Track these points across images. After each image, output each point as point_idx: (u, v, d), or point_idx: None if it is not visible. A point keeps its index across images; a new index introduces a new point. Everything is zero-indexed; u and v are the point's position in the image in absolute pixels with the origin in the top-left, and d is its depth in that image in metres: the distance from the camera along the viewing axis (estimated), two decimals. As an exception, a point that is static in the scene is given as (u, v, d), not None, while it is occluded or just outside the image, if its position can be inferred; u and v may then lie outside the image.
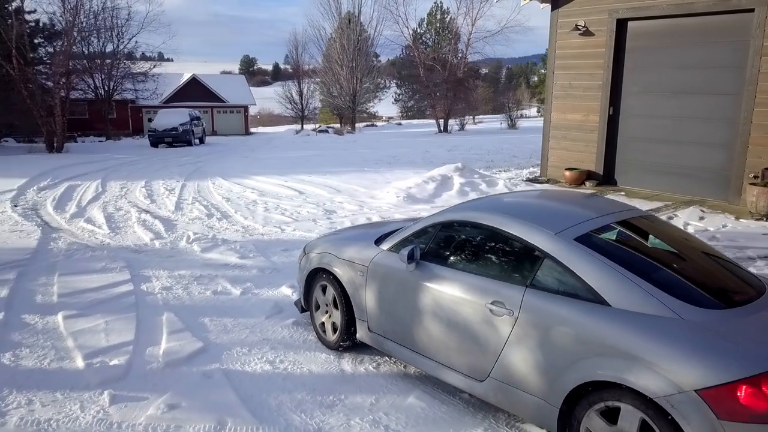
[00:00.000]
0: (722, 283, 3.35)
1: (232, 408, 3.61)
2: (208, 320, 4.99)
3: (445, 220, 3.93)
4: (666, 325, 2.77)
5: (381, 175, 13.74)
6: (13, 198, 10.46)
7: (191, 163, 17.88)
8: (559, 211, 3.76)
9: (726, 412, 2.44)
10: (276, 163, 17.40)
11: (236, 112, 55.55)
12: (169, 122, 28.83)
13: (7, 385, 3.84)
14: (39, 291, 5.61)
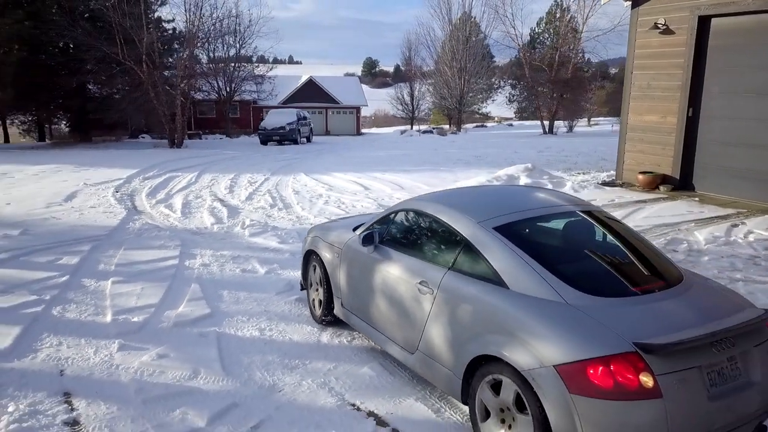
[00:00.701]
0: (631, 274, 3.43)
1: (209, 362, 4.21)
2: (226, 293, 5.68)
3: (400, 208, 4.28)
4: (546, 308, 2.97)
5: (453, 174, 13.98)
6: (118, 186, 12.00)
7: (286, 160, 19.13)
8: (496, 203, 3.97)
9: (576, 387, 2.63)
10: (362, 161, 18.17)
11: (349, 113, 57.44)
12: (278, 122, 30.74)
13: (48, 330, 4.73)
14: (103, 261, 6.63)
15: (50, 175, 13.62)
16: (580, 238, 3.70)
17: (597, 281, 3.19)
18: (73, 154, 21.63)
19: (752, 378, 2.90)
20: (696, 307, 3.08)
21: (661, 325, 2.85)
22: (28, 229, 7.98)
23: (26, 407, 3.58)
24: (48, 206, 9.59)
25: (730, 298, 3.30)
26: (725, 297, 3.32)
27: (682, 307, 3.05)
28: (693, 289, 3.24)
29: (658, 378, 2.61)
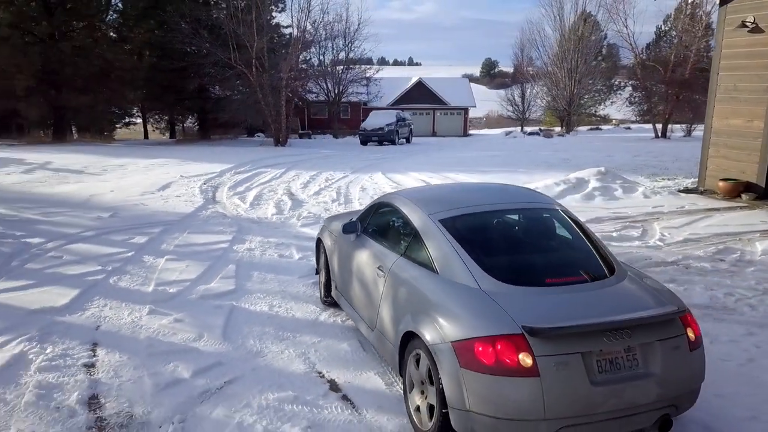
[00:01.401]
0: (554, 267, 3.59)
1: (213, 329, 4.85)
2: (257, 273, 6.34)
3: (378, 202, 4.68)
4: (459, 292, 3.27)
5: (528, 176, 13.92)
6: (208, 178, 13.28)
7: (374, 160, 19.84)
8: (454, 198, 4.23)
9: (465, 362, 2.93)
10: (445, 162, 18.46)
11: (456, 114, 57.45)
12: (377, 123, 31.72)
13: (100, 294, 5.63)
14: (166, 242, 7.59)
15: (156, 168, 15.29)
16: (520, 233, 3.90)
17: (516, 272, 3.41)
18: (187, 150, 23.84)
19: (651, 370, 3.01)
20: (602, 300, 3.22)
21: (557, 313, 3.04)
22: (117, 212, 9.22)
23: (60, 350, 4.40)
24: (142, 194, 10.93)
25: (650, 296, 3.37)
26: (644, 294, 3.39)
27: (589, 299, 3.21)
28: (614, 285, 3.37)
29: (537, 359, 2.83)
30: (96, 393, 3.84)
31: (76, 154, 19.26)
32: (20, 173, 14.01)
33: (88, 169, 14.93)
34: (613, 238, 8.02)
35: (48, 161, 16.27)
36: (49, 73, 25.51)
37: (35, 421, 3.48)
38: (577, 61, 46.81)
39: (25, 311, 5.14)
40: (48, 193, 11.18)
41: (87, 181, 12.90)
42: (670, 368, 3.05)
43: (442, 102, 56.41)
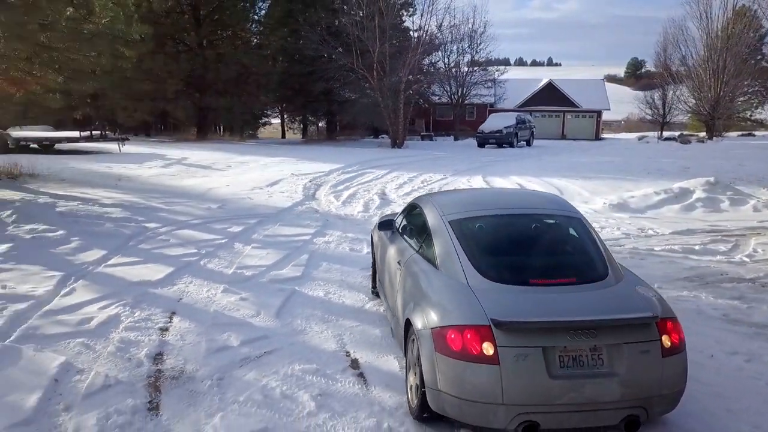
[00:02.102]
0: (543, 269, 3.77)
1: (270, 308, 5.54)
2: (325, 264, 7.00)
3: (412, 203, 5.07)
4: (449, 286, 3.63)
5: (634, 184, 13.45)
6: (315, 177, 14.32)
7: (483, 163, 19.97)
8: (469, 201, 4.53)
9: (439, 347, 3.30)
10: (554, 166, 18.16)
11: (588, 117, 55.28)
12: (495, 125, 31.59)
13: (189, 273, 6.57)
14: (257, 231, 8.51)
15: (273, 166, 16.69)
16: (521, 236, 4.11)
17: (503, 271, 3.67)
18: (309, 149, 25.50)
19: (615, 370, 3.17)
20: (577, 301, 3.40)
21: (527, 309, 3.30)
22: (225, 204, 10.40)
23: (145, 315, 5.31)
24: (252, 189, 12.13)
25: (629, 301, 3.46)
26: (623, 299, 3.49)
27: (564, 300, 3.41)
28: (597, 290, 3.52)
29: (499, 348, 3.13)
30: (162, 351, 4.65)
31: (211, 151, 21.45)
32: (159, 167, 16.02)
33: (215, 165, 16.68)
34: (694, 251, 7.70)
35: (185, 157, 18.36)
36: (194, 78, 28.55)
37: (111, 367, 4.33)
38: (725, 60, 42.99)
39: (127, 282, 6.18)
40: (176, 185, 12.77)
41: (210, 176, 14.48)
42: (636, 371, 3.18)
43: (573, 104, 54.49)
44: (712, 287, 6.37)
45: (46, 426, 3.57)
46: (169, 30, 27.79)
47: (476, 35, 43.71)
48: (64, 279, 6.19)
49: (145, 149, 21.89)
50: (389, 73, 28.27)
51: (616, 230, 8.96)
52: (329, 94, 33.04)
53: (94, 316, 5.23)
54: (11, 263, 6.58)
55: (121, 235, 7.98)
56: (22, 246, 7.15)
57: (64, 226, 8.10)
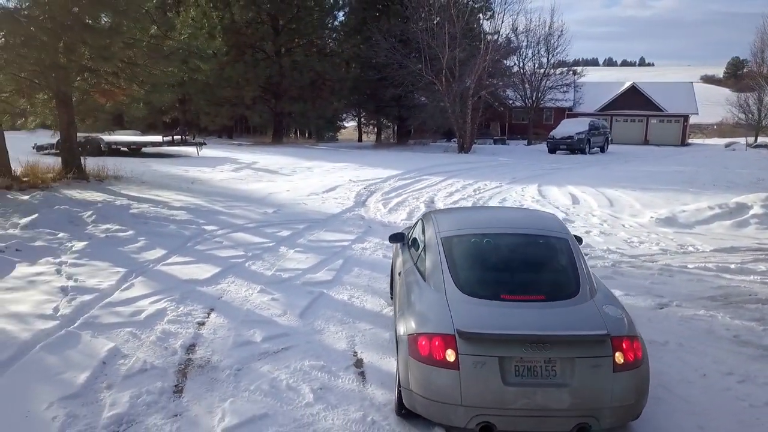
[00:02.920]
0: (516, 286, 4.09)
1: (296, 308, 6.12)
2: (357, 269, 7.53)
3: (419, 218, 5.50)
4: (429, 297, 4.06)
5: (694, 197, 13.15)
6: (371, 183, 14.93)
7: (545, 170, 19.89)
8: (466, 219, 4.90)
9: (412, 352, 3.75)
10: (616, 175, 17.87)
11: (673, 122, 53.07)
12: (567, 131, 31.09)
13: (233, 273, 7.28)
14: (303, 236, 9.18)
15: (336, 171, 17.47)
16: (505, 254, 4.44)
17: (478, 286, 4.05)
18: (376, 154, 26.24)
19: (567, 382, 3.49)
20: (539, 317, 3.72)
21: (492, 322, 3.67)
22: (280, 209, 11.17)
23: (187, 310, 6.04)
24: (308, 195, 12.88)
25: (588, 319, 3.74)
26: (583, 317, 3.77)
27: (527, 315, 3.74)
28: (562, 307, 3.83)
29: (460, 356, 3.54)
30: (195, 342, 5.33)
31: (281, 155, 22.60)
32: (230, 171, 17.18)
33: (281, 170, 17.67)
34: (728, 270, 7.63)
35: (255, 161, 19.51)
36: (271, 85, 30.06)
37: (150, 354, 5.05)
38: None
39: (178, 280, 6.97)
40: (241, 189, 13.75)
41: (275, 180, 15.42)
42: (586, 383, 3.48)
43: (658, 108, 52.45)
44: (734, 307, 6.37)
45: (90, 399, 4.29)
46: (249, 39, 29.38)
47: (553, 38, 43.11)
48: (127, 275, 7.06)
49: (221, 153, 23.36)
50: (458, 79, 28.55)
51: (654, 246, 8.93)
52: (400, 100, 33.67)
53: (144, 309, 6.01)
54: (85, 259, 7.55)
55: (181, 236, 8.86)
56: (96, 244, 8.15)
57: (134, 226, 9.10)
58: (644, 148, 40.65)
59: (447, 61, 28.10)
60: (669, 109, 52.27)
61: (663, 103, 52.23)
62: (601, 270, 7.66)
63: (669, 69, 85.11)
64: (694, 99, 54.69)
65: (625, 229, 9.97)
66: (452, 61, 28.39)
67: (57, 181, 12.86)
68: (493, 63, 30.05)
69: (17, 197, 10.82)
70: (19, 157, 15.91)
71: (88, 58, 10.10)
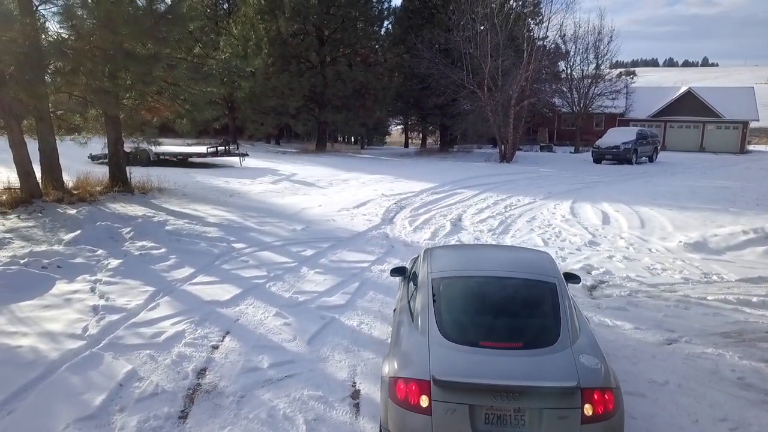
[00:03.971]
0: (496, 333, 4.21)
1: (306, 334, 6.40)
2: (371, 293, 7.76)
3: (422, 252, 5.68)
4: (413, 341, 4.25)
5: (733, 217, 12.79)
6: (403, 198, 15.13)
7: (584, 184, 19.61)
8: (459, 260, 5.07)
9: (390, 395, 3.97)
10: (657, 191, 17.48)
11: (732, 128, 51.21)
12: (613, 141, 30.49)
13: (253, 295, 7.64)
14: (325, 256, 9.47)
15: (371, 184, 17.76)
16: (491, 298, 4.56)
17: (459, 332, 4.20)
18: (414, 164, 26.42)
19: (535, 431, 3.62)
20: (512, 366, 3.85)
21: (468, 370, 3.83)
22: (309, 226, 11.52)
23: (204, 333, 6.41)
24: (339, 210, 13.20)
25: (560, 369, 3.84)
26: (557, 367, 3.87)
27: (501, 363, 3.89)
28: (538, 356, 3.95)
29: (432, 402, 3.73)
30: (206, 367, 5.68)
31: (321, 166, 23.09)
32: (269, 183, 17.73)
33: (318, 183, 18.09)
34: (750, 303, 7.48)
35: (294, 173, 20.03)
36: (314, 94, 30.69)
37: (163, 377, 5.42)
38: None
39: (201, 301, 7.38)
40: (276, 203, 14.20)
41: (310, 194, 15.84)
42: None
43: (715, 114, 50.68)
44: (746, 346, 6.28)
45: (103, 422, 4.68)
46: (295, 50, 30.10)
47: (603, 44, 42.27)
48: (154, 294, 7.51)
49: (263, 163, 24.04)
50: (500, 89, 28.43)
51: (677, 274, 8.80)
52: (443, 108, 33.80)
53: (165, 331, 6.41)
54: (119, 277, 8.06)
55: (210, 254, 9.31)
56: (130, 261, 8.67)
57: (167, 244, 9.60)
58: (698, 156, 39.31)
59: (489, 70, 28.04)
60: (727, 115, 50.47)
61: (721, 109, 50.46)
62: (616, 300, 7.64)
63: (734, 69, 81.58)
64: (755, 104, 52.50)
65: (651, 254, 9.83)
66: (495, 70, 28.32)
67: (104, 194, 13.62)
68: (537, 72, 29.77)
69: (66, 211, 11.55)
70: (76, 166, 16.91)
71: (130, 83, 10.74)
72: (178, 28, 10.11)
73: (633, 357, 5.96)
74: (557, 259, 9.53)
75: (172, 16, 9.20)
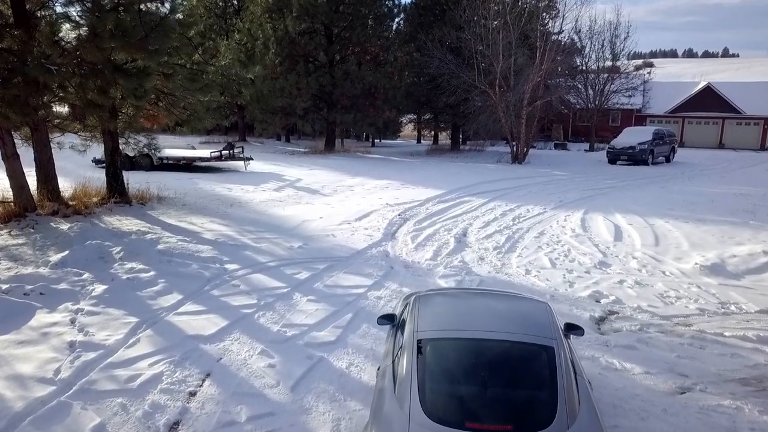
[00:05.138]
0: (485, 411, 3.77)
1: (290, 379, 5.99)
2: (365, 326, 7.33)
3: (410, 299, 5.23)
4: (393, 417, 3.83)
5: (753, 233, 12.18)
6: (407, 208, 14.66)
7: (599, 189, 18.96)
8: (447, 316, 4.65)
9: None
10: (673, 199, 16.85)
11: (752, 125, 50.12)
12: (628, 141, 29.74)
13: (240, 329, 7.25)
14: (321, 279, 9.05)
15: (376, 192, 17.32)
16: (480, 369, 4.11)
17: (443, 410, 3.77)
18: (422, 166, 25.93)
19: None
20: None
21: None
22: (308, 243, 11.10)
23: (182, 376, 6.03)
24: (340, 224, 12.78)
25: None
26: None
27: None
28: None
29: None
30: (180, 420, 5.30)
31: (327, 170, 22.71)
32: (272, 190, 17.36)
33: (322, 189, 17.70)
34: (761, 338, 6.95)
35: (299, 178, 19.66)
36: (323, 94, 30.25)
37: None
38: None
39: (184, 335, 6.99)
40: (276, 214, 13.81)
41: (313, 203, 15.44)
42: None
43: (735, 110, 49.64)
44: (766, 397, 5.76)
45: (59, 491, 4.32)
46: (303, 50, 29.64)
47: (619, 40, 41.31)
48: (136, 327, 7.15)
49: (268, 167, 23.68)
50: (512, 88, 27.79)
51: (692, 303, 8.27)
52: (453, 107, 33.24)
53: (141, 373, 6.04)
54: (101, 306, 7.72)
55: (201, 278, 8.93)
56: (116, 287, 8.32)
57: (157, 266, 9.25)
58: (717, 155, 38.29)
59: (501, 69, 27.40)
60: (747, 111, 49.47)
61: (741, 104, 49.44)
62: (625, 336, 7.14)
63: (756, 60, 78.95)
64: (776, 100, 51.29)
65: (664, 279, 9.30)
66: (507, 69, 27.65)
67: (101, 206, 13.32)
68: (549, 72, 29.06)
69: (59, 226, 11.27)
70: (79, 171, 16.66)
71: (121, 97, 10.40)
72: (171, 40, 9.70)
73: (642, 410, 5.48)
74: (564, 284, 9.04)
75: (162, 28, 8.79)
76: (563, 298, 8.44)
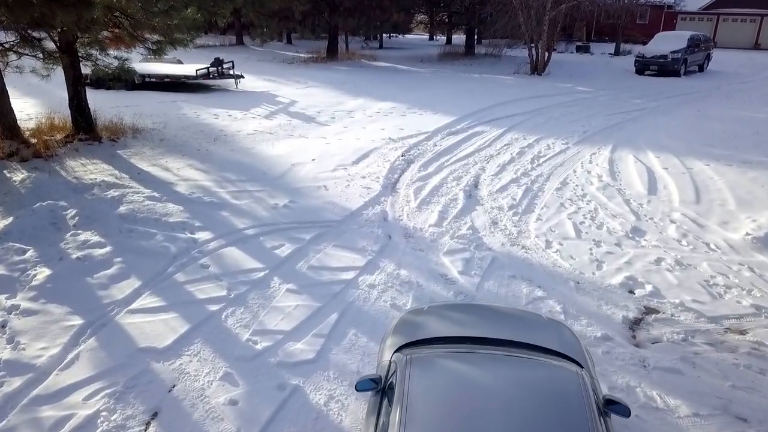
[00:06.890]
0: None
1: (254, 425, 4.86)
2: (353, 332, 6.10)
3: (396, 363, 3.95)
4: None
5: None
6: (411, 146, 13.02)
7: (625, 117, 16.86)
8: None
9: None
10: (709, 129, 15.07)
11: (793, 22, 46.18)
12: (660, 49, 27.17)
13: (201, 337, 6.06)
14: (305, 257, 7.71)
15: (378, 121, 15.59)
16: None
17: None
18: (434, 79, 23.80)
19: None
20: None
21: None
22: (295, 199, 9.65)
23: (121, 417, 4.90)
24: (334, 169, 11.25)
25: None
26: None
27: None
28: None
29: None
30: (109, 496, 4.22)
31: (327, 86, 20.85)
32: (262, 117, 15.70)
33: (319, 116, 15.99)
34: None
35: (294, 101, 17.88)
36: (324, -2, 27.48)
37: None
38: None
39: (134, 348, 5.81)
40: (264, 155, 12.24)
41: (307, 136, 13.83)
42: None
43: (776, 5, 45.59)
44: None
45: None
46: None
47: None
48: (78, 334, 6.01)
49: (262, 83, 21.68)
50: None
51: (745, 296, 6.91)
52: (470, 8, 30.32)
53: (73, 414, 4.94)
54: (41, 301, 6.52)
55: (165, 254, 7.65)
56: (62, 273, 7.07)
57: (115, 237, 7.96)
58: (753, 59, 35.15)
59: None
60: (789, 6, 45.36)
61: (782, -2, 45.36)
62: (667, 350, 5.88)
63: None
64: (823, -9, 46.95)
65: (710, 257, 7.89)
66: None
67: (65, 145, 11.85)
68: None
69: (12, 176, 9.94)
70: (56, 91, 14.79)
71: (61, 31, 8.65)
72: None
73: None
74: (591, 264, 7.68)
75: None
76: (590, 287, 7.12)
